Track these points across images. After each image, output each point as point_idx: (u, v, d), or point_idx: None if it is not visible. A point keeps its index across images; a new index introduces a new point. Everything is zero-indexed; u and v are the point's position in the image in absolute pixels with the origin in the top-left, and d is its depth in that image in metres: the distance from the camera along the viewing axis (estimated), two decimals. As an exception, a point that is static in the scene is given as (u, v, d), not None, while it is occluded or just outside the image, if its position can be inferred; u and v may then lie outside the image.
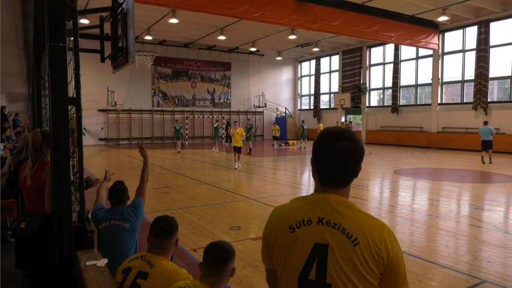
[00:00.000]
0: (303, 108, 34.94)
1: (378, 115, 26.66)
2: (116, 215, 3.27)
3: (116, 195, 3.40)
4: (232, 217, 6.91)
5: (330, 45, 28.56)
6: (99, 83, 25.11)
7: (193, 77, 29.89)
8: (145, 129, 28.00)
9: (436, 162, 15.93)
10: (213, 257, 2.10)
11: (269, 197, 8.60)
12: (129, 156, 19.10)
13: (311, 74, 33.27)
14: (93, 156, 18.95)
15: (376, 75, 27.46)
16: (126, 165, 15.69)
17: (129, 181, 11.66)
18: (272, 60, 32.38)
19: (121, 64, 3.73)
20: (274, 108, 32.87)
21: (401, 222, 6.62)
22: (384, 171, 13.51)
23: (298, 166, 15.29)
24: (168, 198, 8.54)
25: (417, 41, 21.22)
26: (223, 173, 12.84)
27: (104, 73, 23.84)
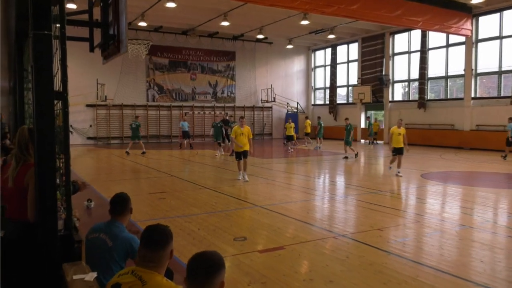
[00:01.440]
0: (317, 103, 34.85)
1: (402, 111, 26.50)
2: (109, 229, 3.29)
3: (117, 207, 3.44)
4: (237, 226, 6.92)
5: (348, 31, 28.45)
6: (87, 75, 25.28)
7: (192, 68, 29.98)
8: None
9: (469, 165, 15.79)
10: (196, 270, 2.07)
11: (279, 204, 8.60)
12: (121, 157, 19.20)
13: (326, 65, 33.18)
14: (81, 157, 19.09)
15: (401, 66, 27.30)
16: (117, 168, 15.78)
17: (120, 186, 11.71)
18: (282, 48, 32.35)
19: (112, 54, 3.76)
20: (284, 103, 32.85)
21: (429, 233, 6.58)
22: (410, 175, 13.40)
23: (312, 168, 15.25)
24: (164, 205, 8.57)
25: (447, 26, 21.05)
26: (226, 176, 12.86)
27: (93, 64, 24.00)
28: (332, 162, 16.78)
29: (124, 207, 3.46)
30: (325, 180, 12.72)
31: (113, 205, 3.45)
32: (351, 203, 9.01)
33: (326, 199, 9.51)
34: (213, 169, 14.81)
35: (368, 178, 12.91)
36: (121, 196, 3.52)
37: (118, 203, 3.46)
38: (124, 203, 3.48)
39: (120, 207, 3.45)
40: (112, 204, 3.46)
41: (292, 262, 5.23)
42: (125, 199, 3.51)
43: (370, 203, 8.64)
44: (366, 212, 7.98)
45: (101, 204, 8.49)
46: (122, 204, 3.47)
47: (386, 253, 5.54)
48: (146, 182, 12.04)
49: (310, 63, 34.53)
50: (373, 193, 9.90)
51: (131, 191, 10.09)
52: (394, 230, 6.72)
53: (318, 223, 7.14)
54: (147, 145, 25.83)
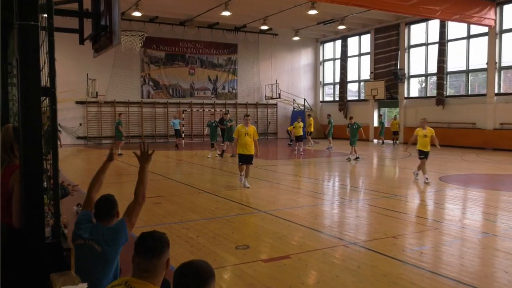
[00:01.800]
0: (326, 99, 34.81)
1: (419, 108, 26.44)
2: (94, 233, 3.30)
3: (102, 210, 3.43)
4: (239, 233, 6.92)
5: (359, 21, 28.41)
6: (77, 69, 25.37)
7: (191, 62, 30.03)
8: (133, 125, 28.22)
9: (492, 167, 15.73)
10: (185, 282, 2.05)
11: (284, 209, 8.59)
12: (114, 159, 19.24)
13: (336, 58, 33.15)
14: (70, 158, 19.15)
15: (417, 59, 27.24)
16: (109, 170, 15.76)
17: (113, 189, 11.77)
18: (287, 41, 32.35)
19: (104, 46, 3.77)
20: (290, 99, 32.84)
21: (448, 241, 6.55)
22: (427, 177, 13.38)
23: (321, 171, 15.23)
24: (160, 210, 8.58)
25: (468, 16, 20.99)
26: (227, 179, 12.86)
27: (83, 57, 24.07)
28: (343, 164, 16.75)
29: (110, 211, 3.45)
30: (335, 184, 12.70)
31: (98, 209, 3.44)
32: (363, 209, 8.99)
33: (336, 204, 9.49)
34: (212, 171, 14.81)
35: (382, 181, 12.87)
36: (106, 199, 3.50)
37: (103, 207, 3.44)
38: (110, 206, 3.46)
39: (106, 211, 3.43)
40: (97, 208, 3.44)
41: (298, 272, 5.22)
42: (111, 201, 3.49)
43: (384, 209, 8.62)
44: (379, 218, 7.96)
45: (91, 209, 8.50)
46: (108, 207, 3.45)
47: (401, 263, 5.52)
48: (141, 185, 12.04)
49: (318, 57, 34.51)
50: (387, 197, 9.87)
51: (124, 195, 10.11)
52: (410, 238, 6.70)
53: (327, 230, 7.12)
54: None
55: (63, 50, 22.90)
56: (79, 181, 12.27)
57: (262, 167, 15.76)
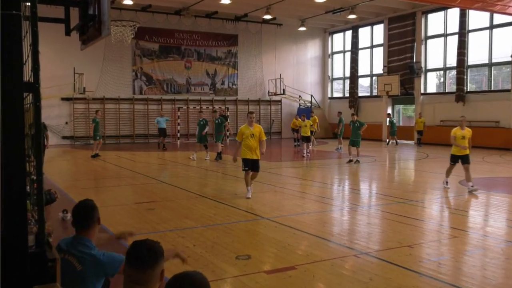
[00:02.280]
0: (335, 95, 34.80)
1: (437, 105, 26.41)
2: (74, 247, 3.27)
3: (80, 218, 3.39)
4: (240, 242, 6.92)
5: (372, 10, 28.39)
6: (63, 63, 25.42)
7: (187, 55, 30.07)
8: (124, 124, 28.27)
9: (517, 170, 15.70)
10: None
11: (289, 216, 8.59)
12: (103, 161, 19.30)
13: (346, 50, 33.14)
14: (55, 159, 19.19)
15: (435, 51, 27.21)
16: (98, 173, 15.85)
17: (102, 194, 11.76)
18: (293, 31, 32.36)
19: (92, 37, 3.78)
20: (295, 95, 32.86)
21: (469, 251, 6.54)
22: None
23: (330, 174, 15.22)
24: (154, 216, 8.59)
25: (491, 4, 20.92)
26: (227, 183, 12.87)
27: (69, 50, 24.10)
28: (353, 167, 16.74)
29: (89, 218, 3.40)
30: (345, 188, 12.69)
31: (75, 217, 3.41)
32: (375, 215, 8.98)
33: (346, 210, 9.49)
34: (211, 174, 14.82)
35: (396, 185, 12.87)
36: (84, 205, 3.46)
37: (81, 214, 3.40)
38: (88, 213, 3.41)
39: (85, 219, 3.39)
40: (74, 216, 3.42)
41: (305, 284, 5.22)
42: (89, 208, 3.45)
43: (398, 215, 8.61)
44: (393, 225, 7.96)
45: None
46: (86, 214, 3.41)
47: (418, 275, 5.52)
48: (132, 189, 12.07)
49: (326, 49, 34.50)
50: (401, 203, 9.86)
51: (114, 200, 10.13)
52: (427, 247, 6.69)
53: (336, 239, 7.12)
54: (133, 146, 25.90)
55: (48, 42, 22.93)
56: (64, 185, 12.32)
57: (265, 170, 15.76)
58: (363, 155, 18.21)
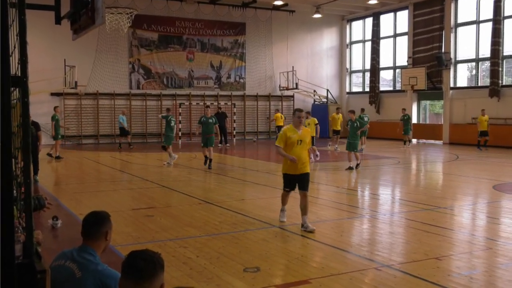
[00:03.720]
0: (354, 90, 34.70)
1: (468, 100, 26.24)
2: (79, 257, 3.32)
3: (88, 227, 3.46)
4: (248, 253, 6.93)
5: (395, -5, 28.29)
6: (52, 55, 25.57)
7: (189, 45, 30.13)
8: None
9: (558, 173, 15.57)
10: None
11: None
12: (96, 162, 19.39)
13: (366, 40, 33.04)
14: (44, 161, 19.31)
15: (466, 40, 27.04)
16: (91, 175, 15.93)
17: (95, 199, 11.82)
18: (307, 19, 32.33)
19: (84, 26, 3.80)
20: (310, 90, 32.83)
21: (504, 264, 6.50)
22: (479, 186, 13.25)
23: (348, 177, 15.18)
24: (153, 224, 8.63)
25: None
26: (234, 187, 12.88)
27: (60, 40, 24.26)
28: (374, 169, 16.69)
29: (98, 229, 3.48)
30: (364, 193, 12.65)
31: (85, 227, 3.47)
32: (398, 224, 8.95)
33: (366, 218, 9.46)
34: (216, 178, 14.84)
35: (422, 190, 12.81)
36: (97, 215, 3.54)
37: (92, 224, 3.48)
38: (99, 224, 3.49)
39: (95, 230, 3.47)
40: (85, 225, 3.48)
41: (320, 301, 5.21)
42: (101, 218, 3.52)
43: (425, 223, 8.58)
44: (419, 235, 7.92)
45: (70, 223, 8.57)
46: (97, 225, 3.48)
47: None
48: (129, 194, 12.11)
49: (344, 38, 34.42)
50: (428, 210, 9.82)
51: (109, 206, 10.18)
52: (456, 260, 6.66)
53: (354, 250, 7.11)
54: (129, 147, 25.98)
55: (37, 31, 23.11)
56: (54, 189, 12.40)
57: (275, 173, 15.75)
58: (384, 156, 18.17)
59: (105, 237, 3.50)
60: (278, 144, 8.36)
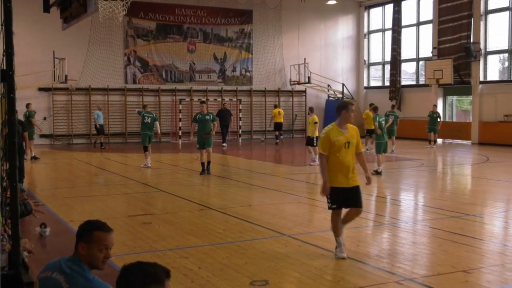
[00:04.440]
0: (372, 84, 34.60)
1: (499, 96, 26.10)
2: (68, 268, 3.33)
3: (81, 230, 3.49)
4: (255, 264, 6.93)
5: (419, -21, 28.18)
6: (40, 46, 25.69)
7: (191, 35, 30.17)
8: (114, 119, 28.47)
9: None
10: None
11: (316, 233, 8.57)
12: (88, 164, 19.44)
13: (386, 29, 32.94)
14: (32, 163, 19.39)
15: (498, 29, 26.90)
16: (82, 179, 15.98)
17: (87, 204, 11.87)
18: (320, 5, 32.30)
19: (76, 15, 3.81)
20: (324, 84, 32.78)
21: (539, 277, 6.47)
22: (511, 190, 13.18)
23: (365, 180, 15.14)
24: (151, 232, 8.64)
25: None
26: (240, 191, 12.87)
27: (48, 30, 24.38)
28: (395, 172, 16.63)
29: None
30: (385, 199, 12.62)
31: (79, 230, 3.50)
32: (422, 233, 8.91)
33: (386, 226, 9.43)
34: (219, 182, 14.85)
35: (449, 195, 12.75)
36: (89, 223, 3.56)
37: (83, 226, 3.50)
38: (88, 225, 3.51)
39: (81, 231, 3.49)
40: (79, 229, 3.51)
41: (335, 317, 5.21)
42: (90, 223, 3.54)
43: (451, 232, 8.54)
44: (445, 245, 7.89)
45: (60, 231, 8.60)
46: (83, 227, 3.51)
47: (476, 307, 5.47)
48: (124, 199, 12.14)
49: (362, 27, 34.34)
50: (455, 217, 9.78)
51: (102, 212, 10.22)
52: (487, 273, 6.63)
53: (373, 261, 7.09)
54: (125, 146, 26.05)
55: (23, 20, 23.23)
56: (42, 194, 12.45)
57: (286, 176, 15.73)
58: (406, 158, 18.10)
59: None
60: (323, 152, 7.26)
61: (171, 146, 26.95)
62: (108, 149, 24.41)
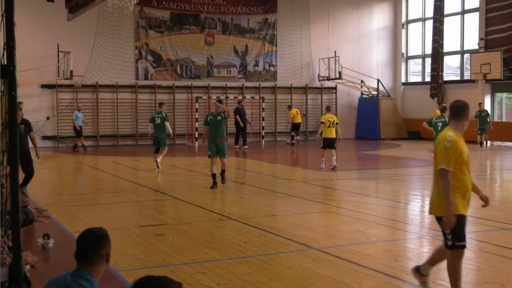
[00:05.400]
0: (411, 80, 34.34)
1: (556, 93, 25.74)
2: (74, 280, 3.36)
3: (84, 249, 3.49)
4: (279, 281, 6.92)
5: (463, -38, 27.95)
6: (44, 39, 25.94)
7: (208, 26, 30.24)
8: (124, 119, 28.67)
9: None
10: None
11: (347, 246, 8.53)
12: (95, 169, 19.59)
13: (427, 18, 32.70)
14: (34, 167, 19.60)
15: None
16: (89, 185, 16.10)
17: (94, 213, 11.96)
18: (352, -8, 32.21)
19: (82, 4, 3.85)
20: (356, 80, 32.64)
21: None
22: None
23: (405, 188, 15.04)
24: (164, 245, 8.66)
25: None
26: (262, 200, 12.85)
27: (53, 21, 24.64)
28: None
29: (96, 251, 3.50)
30: (424, 207, 12.50)
31: (80, 248, 3.50)
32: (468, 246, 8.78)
33: (426, 239, 9.35)
34: (239, 188, 14.84)
35: (498, 204, 12.58)
36: (93, 234, 3.56)
37: (88, 245, 3.50)
38: (97, 244, 3.51)
39: (93, 252, 3.50)
40: (80, 246, 3.51)
41: None
42: (100, 238, 3.54)
43: (501, 246, 8.44)
44: (493, 260, 7.80)
45: (64, 243, 8.66)
46: (94, 246, 3.50)
47: (529, 331, 5.40)
48: (135, 208, 12.19)
49: (399, 16, 34.15)
50: (506, 229, 9.66)
51: (111, 222, 10.28)
52: (541, 292, 6.54)
53: (413, 278, 7.03)
54: (136, 149, 26.19)
55: (25, 11, 23.51)
56: (46, 201, 12.57)
57: (314, 182, 15.68)
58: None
59: (105, 259, 3.53)
60: (447, 167, 6.08)
61: (187, 149, 27.04)
62: (117, 151, 24.57)
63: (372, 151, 25.58)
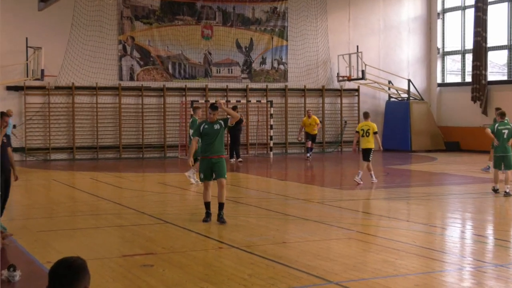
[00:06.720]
0: (449, 81, 34.34)
1: None
2: None
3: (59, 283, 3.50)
4: (291, 322, 6.90)
5: None
6: (10, 32, 26.00)
7: (206, 16, 30.31)
8: (105, 127, 28.70)
9: None
10: None
11: (373, 280, 8.50)
12: (71, 187, 19.60)
13: (467, 6, 32.74)
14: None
15: None
16: (64, 206, 16.10)
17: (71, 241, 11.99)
18: (378, -25, 32.32)
19: (57, -9, 3.87)
20: (383, 81, 32.65)
21: None
22: None
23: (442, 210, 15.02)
24: (153, 278, 8.66)
25: None
26: (270, 224, 12.85)
27: (21, 12, 24.75)
28: (479, 198, 16.44)
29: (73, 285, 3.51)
30: (465, 234, 12.48)
31: (53, 281, 3.51)
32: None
33: (467, 271, 9.32)
34: (243, 210, 14.84)
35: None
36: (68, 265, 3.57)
37: (62, 278, 3.51)
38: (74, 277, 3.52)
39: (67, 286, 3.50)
40: (52, 279, 3.52)
41: None
42: (76, 269, 3.55)
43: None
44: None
45: (33, 275, 8.67)
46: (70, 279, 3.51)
47: None
48: (118, 233, 12.20)
49: (434, 4, 34.19)
50: None
51: (90, 251, 10.29)
52: None
53: (452, 319, 7.01)
54: (120, 163, 26.22)
55: (-13, -2, 23.62)
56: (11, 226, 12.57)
57: (332, 203, 15.66)
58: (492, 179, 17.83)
59: None
60: None
61: (179, 162, 26.96)
62: (96, 166, 24.59)
63: (402, 165, 25.51)
